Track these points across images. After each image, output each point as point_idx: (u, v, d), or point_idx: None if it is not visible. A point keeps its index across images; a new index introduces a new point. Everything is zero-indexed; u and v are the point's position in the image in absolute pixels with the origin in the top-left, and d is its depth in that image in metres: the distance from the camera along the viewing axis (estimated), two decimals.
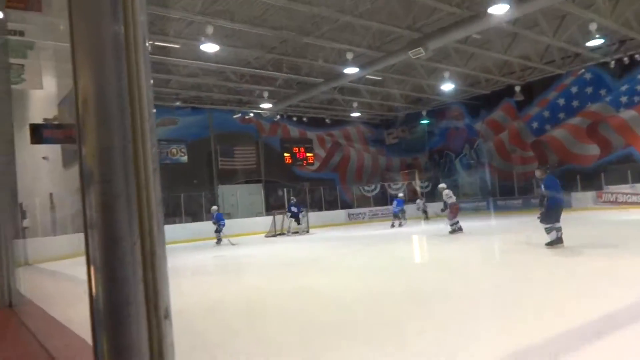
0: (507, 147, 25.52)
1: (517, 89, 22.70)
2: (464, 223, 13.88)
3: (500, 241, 11.66)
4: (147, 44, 0.57)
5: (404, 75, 21.69)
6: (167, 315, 0.51)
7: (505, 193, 24.67)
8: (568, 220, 9.58)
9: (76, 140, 0.54)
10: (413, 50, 15.60)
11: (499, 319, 4.13)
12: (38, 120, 15.97)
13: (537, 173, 9.31)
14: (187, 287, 6.83)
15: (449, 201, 13.21)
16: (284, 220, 19.69)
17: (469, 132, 27.36)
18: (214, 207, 18.63)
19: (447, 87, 21.96)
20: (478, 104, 26.04)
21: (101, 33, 0.54)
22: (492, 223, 18.07)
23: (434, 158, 29.49)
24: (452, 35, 15.26)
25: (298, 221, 19.52)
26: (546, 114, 23.77)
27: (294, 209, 19.73)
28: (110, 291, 0.49)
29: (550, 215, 8.61)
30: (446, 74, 20.57)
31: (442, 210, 13.84)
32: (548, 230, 8.57)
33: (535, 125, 24.23)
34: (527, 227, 12.04)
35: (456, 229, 13.24)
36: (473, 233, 13.37)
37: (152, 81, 0.57)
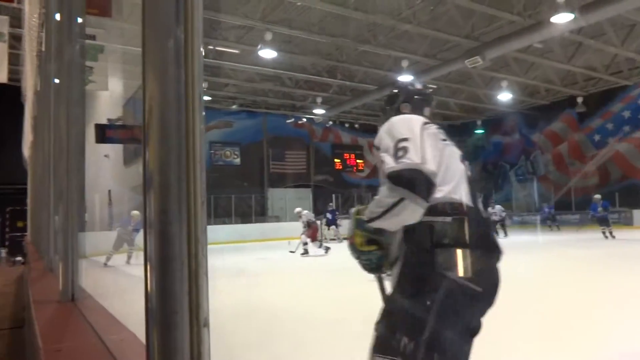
0: (565, 160, 24.54)
1: (580, 100, 21.82)
2: (519, 237, 13.47)
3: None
4: (201, 50, 0.66)
5: (459, 83, 21.34)
6: (206, 324, 0.61)
7: (561, 207, 23.68)
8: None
9: (142, 143, 0.64)
10: (470, 60, 15.34)
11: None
12: (102, 120, 16.90)
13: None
14: (229, 288, 7.02)
15: (309, 220, 14.33)
16: (321, 228, 18.88)
17: (526, 143, 26.47)
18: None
19: (505, 96, 21.40)
20: (536, 114, 25.15)
21: (166, 40, 0.63)
22: (552, 238, 17.39)
23: (488, 169, 28.71)
24: (512, 44, 14.88)
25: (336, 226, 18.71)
26: (610, 126, 22.68)
27: (329, 215, 18.66)
28: (163, 302, 0.59)
29: None
30: (504, 83, 20.07)
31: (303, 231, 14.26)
32: None
33: (597, 138, 23.17)
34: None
35: (306, 251, 13.66)
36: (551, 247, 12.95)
37: (203, 86, 0.67)
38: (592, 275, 7.86)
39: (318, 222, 18.22)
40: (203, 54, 0.67)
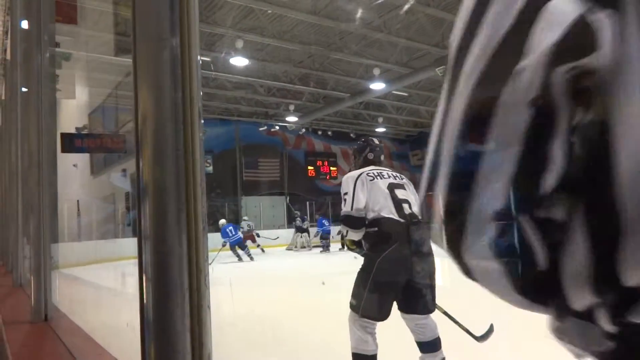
0: None
1: None
2: None
3: None
4: (199, 60, 0.62)
5: (430, 91, 21.65)
6: None
7: None
8: None
9: (135, 151, 0.59)
10: (440, 68, 15.60)
11: None
12: (68, 129, 16.46)
13: None
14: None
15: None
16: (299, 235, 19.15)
17: None
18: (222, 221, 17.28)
19: None
20: None
21: (161, 51, 0.59)
22: None
23: None
24: None
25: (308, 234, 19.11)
26: None
27: (299, 222, 19.15)
28: (162, 341, 0.54)
29: None
30: None
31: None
32: None
33: None
34: None
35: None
36: None
37: (201, 94, 0.63)
38: None
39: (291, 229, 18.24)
40: (200, 63, 0.63)
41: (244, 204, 24.56)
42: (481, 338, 2.99)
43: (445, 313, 3.06)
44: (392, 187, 2.91)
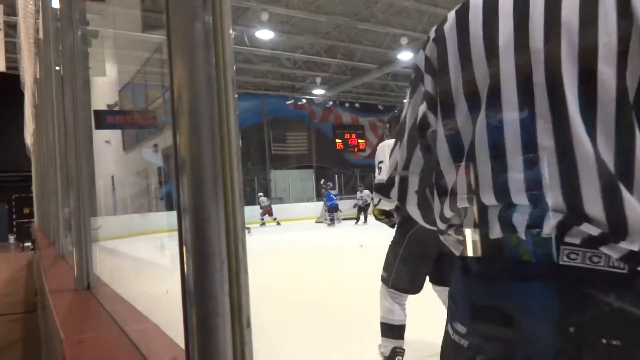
0: None
1: None
2: None
3: None
4: (231, 32, 0.63)
5: None
6: (249, 324, 0.59)
7: None
8: None
9: (172, 126, 0.61)
10: None
11: None
12: (99, 106, 16.81)
13: None
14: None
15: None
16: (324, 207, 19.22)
17: None
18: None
19: None
20: None
21: (194, 23, 0.60)
22: None
23: None
24: None
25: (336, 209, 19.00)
26: None
27: (331, 196, 18.62)
28: (202, 304, 0.57)
29: None
30: None
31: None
32: None
33: None
34: None
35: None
36: None
37: (234, 68, 0.64)
38: None
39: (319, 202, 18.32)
40: (233, 36, 0.64)
41: (273, 178, 24.77)
42: None
43: None
44: None
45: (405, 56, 17.82)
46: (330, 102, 25.49)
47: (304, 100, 24.78)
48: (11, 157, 22.10)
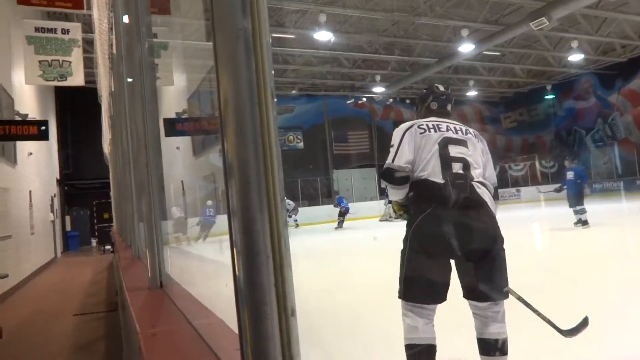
0: None
1: None
2: (597, 206, 12.74)
3: None
4: (269, 39, 0.69)
5: (525, 48, 20.28)
6: (293, 313, 0.65)
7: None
8: None
9: (219, 134, 0.68)
10: (535, 21, 14.49)
11: None
12: (169, 114, 17.66)
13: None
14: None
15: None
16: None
17: (602, 105, 24.76)
18: None
19: (576, 57, 20.15)
20: (613, 73, 23.41)
21: (235, 33, 0.66)
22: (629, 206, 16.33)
23: (561, 135, 27.20)
24: (581, 0, 13.91)
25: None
26: None
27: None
28: (252, 294, 0.63)
29: None
30: (574, 44, 18.84)
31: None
32: None
33: None
34: None
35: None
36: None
37: (273, 72, 0.69)
38: None
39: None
40: (270, 41, 0.70)
41: (336, 178, 24.89)
42: (569, 332, 2.30)
43: (520, 298, 2.35)
44: (445, 143, 2.42)
45: (466, 48, 17.34)
46: (391, 100, 25.28)
47: (364, 99, 24.73)
48: (92, 166, 23.71)
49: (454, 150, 2.40)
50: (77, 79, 10.57)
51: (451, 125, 2.52)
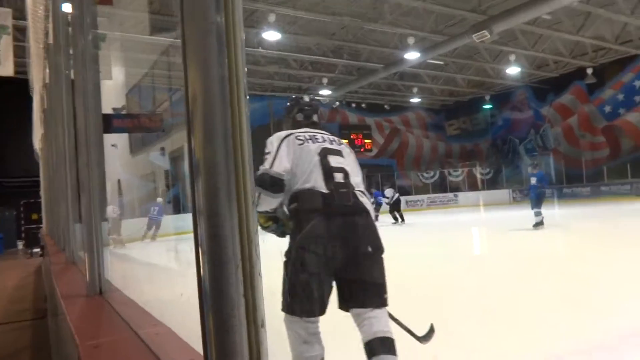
0: (575, 133, 24.27)
1: (589, 71, 21.50)
2: (529, 212, 13.38)
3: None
4: (243, 36, 0.64)
5: (467, 59, 21.07)
6: (263, 325, 0.60)
7: (572, 180, 23.50)
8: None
9: (186, 131, 0.62)
10: (477, 34, 15.11)
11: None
12: (107, 109, 16.94)
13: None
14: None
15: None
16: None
17: (535, 116, 26.18)
18: None
19: (513, 70, 21.13)
20: (545, 87, 24.85)
21: (207, 25, 0.61)
22: (561, 212, 17.30)
23: (497, 144, 28.49)
24: (520, 17, 14.63)
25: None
26: (620, 97, 22.35)
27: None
28: (219, 305, 0.58)
29: None
30: (512, 57, 19.78)
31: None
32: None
33: (607, 109, 22.85)
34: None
35: None
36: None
37: (246, 69, 0.65)
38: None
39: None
40: (244, 38, 0.65)
41: None
42: (423, 339, 2.49)
43: (390, 315, 2.37)
44: (325, 153, 2.43)
45: (412, 56, 17.79)
46: (337, 103, 25.51)
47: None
48: (19, 163, 22.28)
49: (334, 161, 2.43)
50: (6, 69, 9.90)
51: (325, 136, 2.60)
